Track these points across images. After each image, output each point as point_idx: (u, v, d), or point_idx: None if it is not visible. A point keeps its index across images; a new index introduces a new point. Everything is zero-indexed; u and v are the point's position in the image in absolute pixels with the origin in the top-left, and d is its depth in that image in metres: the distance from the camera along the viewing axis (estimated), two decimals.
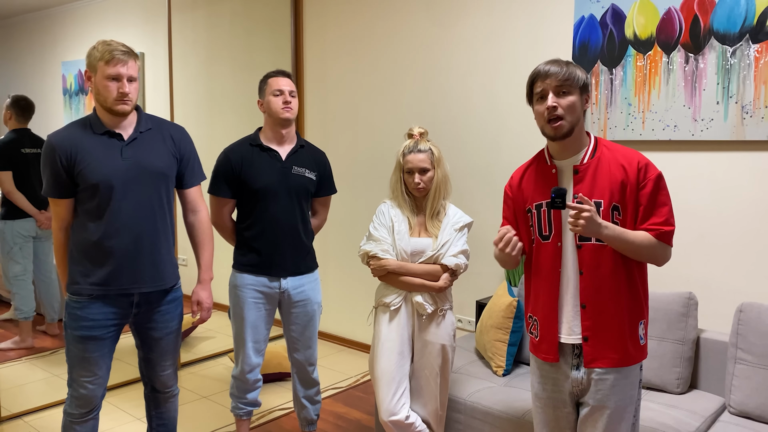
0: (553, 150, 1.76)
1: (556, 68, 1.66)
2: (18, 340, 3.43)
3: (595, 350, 1.69)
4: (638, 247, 1.64)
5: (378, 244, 2.30)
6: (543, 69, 1.67)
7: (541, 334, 1.78)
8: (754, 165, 2.54)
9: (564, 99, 1.66)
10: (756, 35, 2.45)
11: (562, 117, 1.65)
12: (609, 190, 1.67)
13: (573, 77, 1.65)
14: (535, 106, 1.72)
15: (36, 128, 3.33)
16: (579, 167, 1.71)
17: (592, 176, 1.69)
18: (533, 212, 1.78)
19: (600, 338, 1.69)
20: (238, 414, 2.60)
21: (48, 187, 2.01)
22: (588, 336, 1.69)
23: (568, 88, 1.66)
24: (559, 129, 1.67)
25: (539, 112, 1.70)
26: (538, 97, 1.69)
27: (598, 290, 1.68)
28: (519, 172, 1.87)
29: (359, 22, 3.87)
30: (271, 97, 2.40)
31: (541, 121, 1.69)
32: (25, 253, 3.36)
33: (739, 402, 2.28)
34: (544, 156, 1.80)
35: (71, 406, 2.10)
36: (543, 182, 1.76)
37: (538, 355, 1.80)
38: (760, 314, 2.29)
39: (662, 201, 1.67)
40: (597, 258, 1.67)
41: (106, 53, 1.94)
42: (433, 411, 2.34)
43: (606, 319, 1.68)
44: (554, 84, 1.65)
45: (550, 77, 1.65)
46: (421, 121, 3.61)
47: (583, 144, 1.73)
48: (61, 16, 3.44)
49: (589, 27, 2.88)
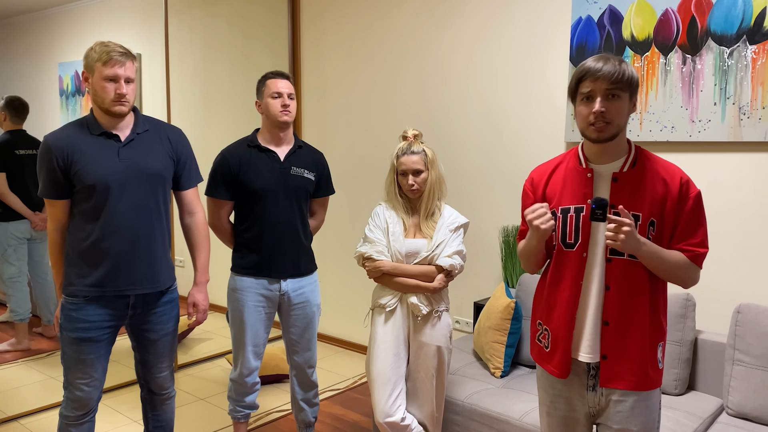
0: (591, 152, 1.62)
1: (610, 68, 1.50)
2: (14, 342, 3.42)
3: (613, 370, 1.58)
4: (672, 267, 1.55)
5: (373, 246, 2.30)
6: (594, 67, 1.52)
7: (552, 345, 1.66)
8: (751, 166, 2.53)
9: (613, 103, 1.52)
10: (753, 36, 2.45)
11: (609, 122, 1.52)
12: (648, 204, 1.55)
13: (626, 79, 1.51)
14: (579, 106, 1.57)
15: (32, 129, 3.32)
16: (619, 175, 1.58)
17: (632, 187, 1.57)
18: (558, 216, 1.64)
19: (620, 358, 1.58)
20: (236, 417, 2.59)
21: (44, 187, 2.01)
22: (607, 354, 1.58)
23: (619, 91, 1.51)
24: (602, 132, 1.53)
25: (583, 114, 1.55)
26: (584, 98, 1.55)
27: (623, 307, 1.57)
28: (544, 169, 1.73)
29: (356, 24, 3.87)
30: (270, 99, 2.39)
31: (584, 123, 1.56)
32: (20, 255, 3.35)
33: (737, 403, 2.28)
34: (576, 156, 1.66)
35: (67, 409, 2.09)
36: (575, 185, 1.63)
37: (547, 367, 1.69)
38: (758, 315, 2.29)
39: (700, 221, 1.57)
40: (626, 274, 1.56)
41: (103, 54, 1.94)
42: (429, 413, 2.34)
43: (628, 339, 1.57)
44: (604, 87, 1.50)
45: (601, 78, 1.50)
46: (418, 122, 3.61)
47: (623, 150, 1.60)
48: (58, 17, 3.44)
49: (587, 28, 2.88)
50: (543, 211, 1.58)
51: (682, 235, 1.57)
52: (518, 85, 3.19)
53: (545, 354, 1.70)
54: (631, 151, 1.60)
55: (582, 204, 1.60)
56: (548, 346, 1.68)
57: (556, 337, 1.65)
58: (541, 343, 1.72)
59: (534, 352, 1.76)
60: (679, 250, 1.57)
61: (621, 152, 1.60)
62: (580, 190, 1.61)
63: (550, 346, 1.67)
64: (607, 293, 1.58)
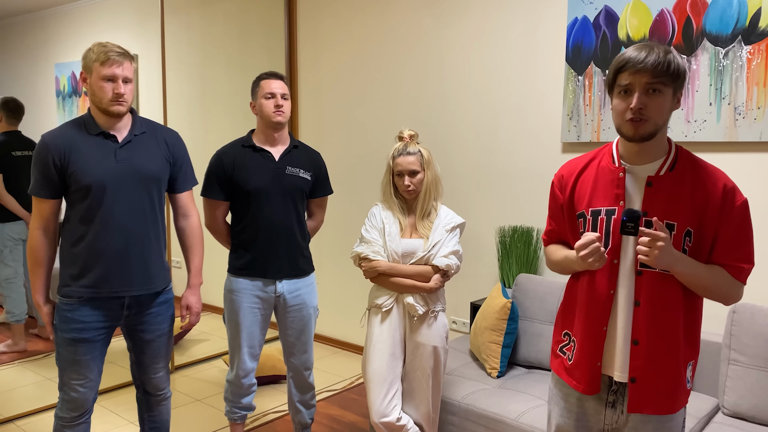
0: (626, 151, 1.48)
1: (653, 58, 1.35)
2: (10, 343, 3.41)
3: (642, 395, 1.46)
4: (712, 284, 1.42)
5: (369, 246, 2.30)
6: (635, 58, 1.37)
7: (577, 358, 1.54)
8: (746, 166, 2.54)
9: (654, 98, 1.37)
10: (748, 37, 2.46)
11: (647, 119, 1.38)
12: (685, 213, 1.42)
13: (671, 71, 1.36)
14: (616, 99, 1.43)
15: (29, 130, 3.31)
16: (654, 178, 1.44)
17: (669, 192, 1.43)
18: (588, 218, 1.51)
19: (649, 382, 1.46)
20: (233, 418, 2.59)
21: (36, 186, 2.00)
22: (636, 377, 1.46)
23: (661, 85, 1.37)
24: (640, 129, 1.39)
25: (619, 109, 1.41)
26: (622, 91, 1.40)
27: (654, 326, 1.45)
28: (574, 166, 1.59)
29: (353, 24, 3.87)
30: (263, 100, 2.39)
31: (619, 118, 1.42)
32: (16, 256, 3.34)
33: (733, 403, 2.28)
34: (610, 153, 1.52)
35: (62, 410, 2.09)
36: (605, 185, 1.49)
37: (569, 381, 1.56)
38: (753, 315, 2.29)
39: (745, 234, 1.43)
40: (658, 288, 1.43)
41: (101, 54, 1.96)
42: (426, 413, 2.34)
43: (659, 361, 1.45)
44: (645, 80, 1.36)
45: (642, 71, 1.35)
46: (414, 122, 3.61)
47: (663, 150, 1.46)
48: (55, 17, 3.43)
49: (583, 28, 2.88)
50: (596, 247, 1.41)
51: (723, 249, 1.43)
52: (514, 86, 3.19)
53: (567, 366, 1.58)
54: (671, 153, 1.46)
55: (613, 206, 1.47)
56: (572, 358, 1.56)
57: (582, 350, 1.53)
58: (565, 355, 1.59)
59: (554, 364, 1.64)
60: (721, 264, 1.43)
61: (660, 153, 1.46)
62: (611, 191, 1.48)
63: (574, 359, 1.55)
64: (637, 309, 1.46)
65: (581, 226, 1.55)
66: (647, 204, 1.44)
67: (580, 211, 1.54)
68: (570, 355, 1.57)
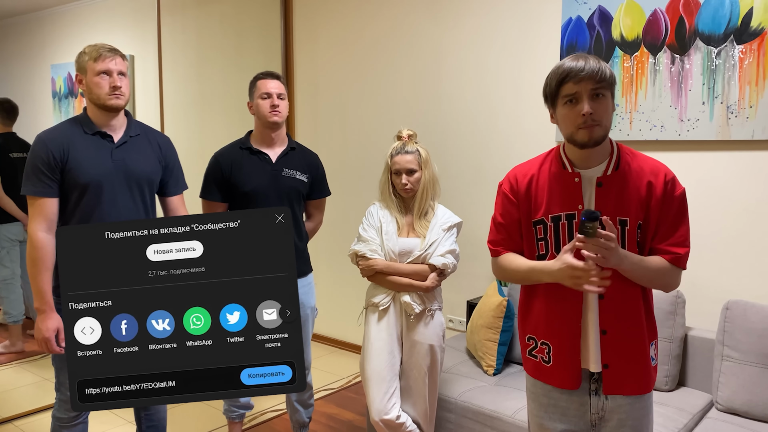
0: (576, 157, 1.53)
1: (592, 66, 1.42)
2: (8, 344, 3.42)
3: (615, 378, 1.54)
4: (654, 275, 1.50)
5: (366, 245, 2.31)
6: (575, 67, 1.43)
7: (556, 360, 1.58)
8: (739, 164, 2.56)
9: (600, 103, 1.44)
10: (740, 36, 2.48)
11: (598, 123, 1.44)
12: (635, 207, 1.49)
13: (608, 77, 1.44)
14: (562, 109, 1.48)
15: (25, 131, 3.32)
16: (603, 179, 1.51)
17: (617, 190, 1.50)
18: (548, 225, 1.55)
19: (621, 365, 1.54)
20: (231, 417, 2.60)
21: (39, 185, 1.95)
22: (608, 363, 1.54)
23: (603, 90, 1.44)
24: (593, 134, 1.45)
25: (569, 117, 1.46)
26: (568, 100, 1.46)
27: (619, 315, 1.53)
28: (524, 173, 1.62)
29: (349, 24, 3.88)
30: (259, 100, 2.40)
31: (570, 126, 1.47)
32: (13, 257, 3.35)
33: (726, 399, 2.31)
34: (559, 161, 1.57)
35: (60, 410, 2.10)
36: (563, 191, 1.54)
37: (551, 381, 1.60)
38: (746, 312, 2.31)
39: (683, 220, 1.51)
40: (618, 281, 1.50)
41: (93, 52, 1.99)
42: (423, 411, 2.35)
43: (627, 345, 1.54)
44: (590, 87, 1.42)
45: (585, 79, 1.42)
46: (411, 122, 3.62)
47: (607, 152, 1.53)
48: (50, 18, 3.43)
49: (577, 28, 2.90)
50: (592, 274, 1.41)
51: (664, 235, 1.51)
52: (509, 86, 3.21)
53: (546, 368, 1.61)
54: (614, 153, 1.53)
55: (573, 210, 1.53)
56: (549, 360, 1.60)
57: (561, 350, 1.57)
58: (537, 358, 1.63)
59: (528, 366, 1.67)
60: (659, 250, 1.52)
61: (605, 154, 1.53)
62: (569, 196, 1.53)
63: (553, 360, 1.59)
64: (602, 302, 1.53)
65: (540, 233, 1.58)
66: (599, 203, 1.51)
67: (539, 218, 1.57)
68: (546, 357, 1.61)
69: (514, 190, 1.62)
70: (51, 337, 1.96)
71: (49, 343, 1.96)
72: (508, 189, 1.64)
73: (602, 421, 1.60)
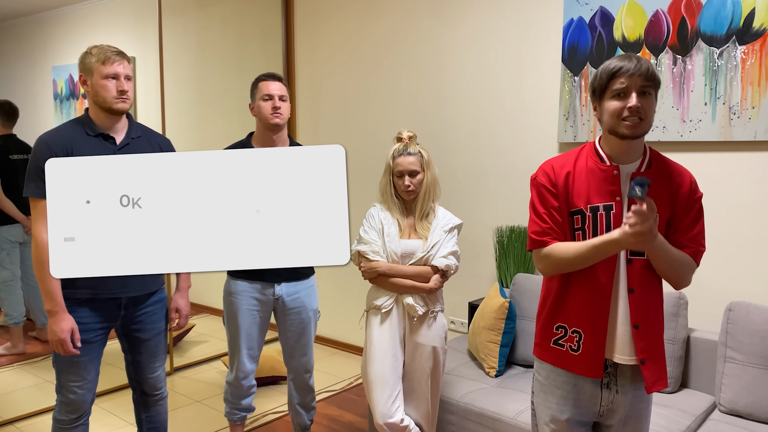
0: (615, 151, 1.59)
1: (644, 64, 1.51)
2: (9, 346, 3.41)
3: (654, 373, 1.60)
4: (676, 263, 1.56)
5: (368, 246, 2.31)
6: (628, 64, 1.51)
7: (585, 349, 1.62)
8: (742, 165, 2.56)
9: (646, 100, 1.52)
10: (742, 37, 2.48)
11: (643, 118, 1.52)
12: (664, 204, 1.58)
13: (656, 76, 1.53)
14: (610, 102, 1.55)
15: (26, 133, 3.31)
16: (637, 175, 1.59)
17: (651, 186, 1.57)
18: (587, 215, 1.60)
19: (655, 360, 1.60)
20: (232, 419, 2.59)
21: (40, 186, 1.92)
22: (645, 359, 1.59)
23: (650, 88, 1.53)
24: (636, 129, 1.52)
25: (615, 109, 1.53)
26: (616, 94, 1.53)
27: (647, 309, 1.60)
28: (561, 165, 1.65)
29: (350, 25, 3.88)
30: (261, 102, 2.39)
31: (614, 118, 1.54)
32: (13, 259, 3.35)
33: (729, 400, 2.30)
34: (595, 155, 1.63)
35: (60, 413, 2.09)
36: (602, 183, 1.60)
37: (577, 370, 1.63)
38: (749, 313, 2.31)
39: (702, 222, 1.63)
40: (645, 275, 1.58)
41: (101, 54, 1.98)
42: (425, 413, 2.34)
43: (655, 340, 1.61)
44: (639, 83, 1.51)
45: (636, 75, 1.50)
46: (412, 123, 3.62)
47: (641, 150, 1.61)
48: (52, 20, 3.44)
49: (578, 29, 2.90)
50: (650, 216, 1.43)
51: (686, 233, 1.60)
52: (511, 86, 3.21)
53: (573, 357, 1.64)
54: (647, 152, 1.61)
55: (611, 202, 1.58)
56: (579, 348, 1.63)
57: (589, 339, 1.61)
58: (565, 347, 1.66)
59: (551, 356, 1.69)
60: (681, 244, 1.59)
61: (639, 152, 1.60)
62: (607, 188, 1.59)
63: (582, 349, 1.62)
64: (632, 296, 1.58)
65: (577, 223, 1.61)
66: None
67: (578, 208, 1.61)
68: (575, 346, 1.65)
69: (552, 181, 1.64)
70: (66, 339, 1.95)
71: (65, 345, 1.95)
72: (545, 179, 1.65)
73: (609, 412, 1.65)
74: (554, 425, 1.68)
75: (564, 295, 1.66)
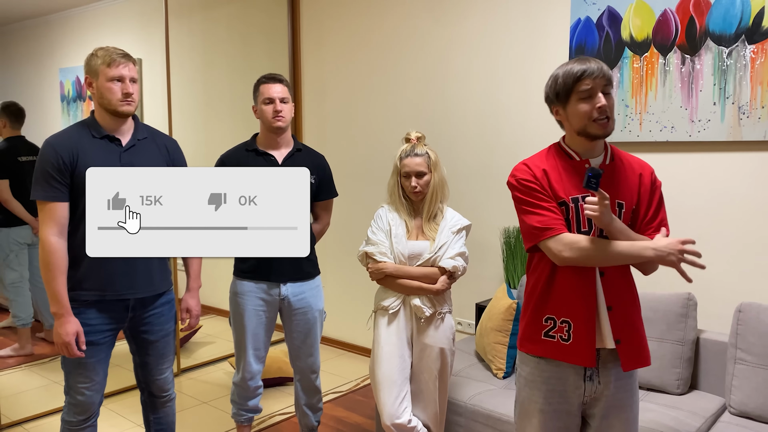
0: (582, 149, 1.69)
1: (603, 66, 1.61)
2: (17, 347, 3.42)
3: (629, 353, 1.66)
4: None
5: (376, 247, 2.30)
6: (590, 67, 1.60)
7: (575, 338, 1.66)
8: (751, 165, 2.54)
9: (609, 99, 1.63)
10: (752, 36, 2.46)
11: (609, 117, 1.62)
12: (630, 193, 1.68)
13: (612, 77, 1.65)
14: (578, 104, 1.62)
15: (33, 135, 3.33)
16: (604, 166, 1.69)
17: (616, 177, 1.68)
18: (570, 206, 1.68)
19: (631, 339, 1.67)
20: (239, 420, 2.59)
21: (50, 190, 1.94)
22: (620, 339, 1.65)
23: (610, 88, 1.63)
24: (606, 127, 1.62)
25: (584, 111, 1.61)
26: (584, 96, 1.61)
27: (619, 290, 1.67)
28: (535, 165, 1.71)
29: (356, 26, 3.88)
30: (263, 105, 2.40)
31: (584, 120, 1.62)
32: (21, 260, 3.36)
33: (740, 402, 2.28)
34: (564, 153, 1.72)
35: (69, 414, 2.10)
36: (576, 177, 1.68)
37: (569, 359, 1.67)
38: (759, 314, 2.29)
39: (663, 208, 1.72)
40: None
41: (106, 57, 1.98)
42: (433, 415, 2.34)
43: (630, 319, 1.67)
44: (602, 83, 1.60)
45: (599, 76, 1.60)
46: (418, 124, 3.61)
47: (601, 147, 1.72)
48: (59, 22, 3.45)
49: (586, 29, 2.89)
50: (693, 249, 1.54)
51: (650, 220, 1.70)
52: (518, 87, 3.20)
53: (565, 347, 1.67)
54: (607, 147, 1.72)
55: (588, 194, 1.66)
56: (569, 338, 1.67)
57: (579, 328, 1.65)
58: (555, 338, 1.69)
59: (542, 348, 1.71)
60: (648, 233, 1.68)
61: (601, 148, 1.71)
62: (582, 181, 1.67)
63: (573, 338, 1.66)
64: (603, 279, 1.66)
65: (563, 214, 1.68)
66: (603, 187, 1.66)
67: (562, 199, 1.68)
68: (565, 336, 1.68)
69: (532, 174, 1.69)
70: (71, 342, 1.95)
71: (70, 348, 1.96)
72: (526, 175, 1.69)
73: (592, 401, 1.71)
74: (541, 416, 1.72)
75: (549, 286, 1.70)
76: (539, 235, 1.65)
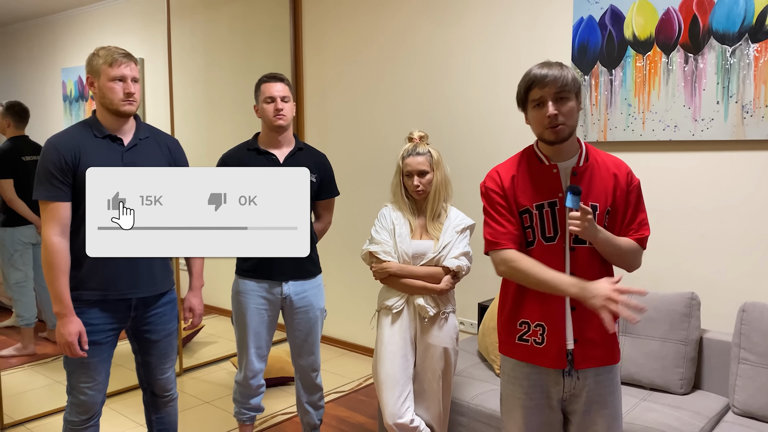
0: (549, 152, 1.72)
1: (555, 73, 1.61)
2: (20, 347, 3.43)
3: (585, 352, 1.69)
4: (623, 251, 1.68)
5: (380, 246, 2.30)
6: (540, 74, 1.62)
7: (549, 340, 1.70)
8: (754, 164, 2.53)
9: (563, 105, 1.63)
10: (755, 35, 2.45)
11: (563, 123, 1.63)
12: (604, 195, 1.69)
13: (570, 83, 1.62)
14: (532, 112, 1.67)
15: (36, 135, 3.33)
16: (576, 169, 1.70)
17: (589, 180, 1.69)
18: (534, 213, 1.72)
19: (589, 339, 1.69)
20: (242, 419, 2.59)
21: (52, 190, 1.94)
22: (578, 338, 1.69)
23: (566, 93, 1.62)
24: (559, 133, 1.64)
25: (538, 119, 1.65)
26: (536, 104, 1.65)
27: None
28: (505, 171, 1.77)
29: (358, 26, 3.87)
30: (264, 104, 2.40)
31: (539, 127, 1.66)
32: (26, 260, 3.36)
33: (743, 402, 2.27)
34: (535, 157, 1.75)
35: (71, 414, 2.10)
36: (543, 183, 1.71)
37: (541, 361, 1.71)
38: (763, 314, 2.28)
39: (642, 207, 1.74)
40: (587, 260, 1.69)
41: (108, 56, 1.98)
42: (436, 414, 2.34)
43: (593, 320, 1.68)
44: (553, 91, 1.61)
45: (548, 84, 1.61)
46: (421, 123, 3.61)
47: (575, 148, 1.72)
48: (61, 22, 3.45)
49: (588, 28, 2.88)
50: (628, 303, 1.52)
51: (629, 221, 1.72)
52: None
53: (538, 350, 1.72)
54: (582, 148, 1.73)
55: (554, 198, 1.69)
56: (543, 341, 1.71)
57: (552, 331, 1.70)
58: (529, 342, 1.74)
59: (517, 352, 1.76)
60: (627, 233, 1.71)
61: (574, 150, 1.72)
62: (549, 186, 1.70)
63: (546, 341, 1.70)
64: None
65: (527, 221, 1.73)
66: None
67: (525, 207, 1.72)
68: (539, 339, 1.73)
69: (499, 184, 1.76)
70: (74, 342, 1.95)
71: (73, 348, 1.96)
72: (493, 185, 1.77)
73: (572, 397, 1.73)
74: (523, 411, 1.76)
75: (523, 291, 1.74)
76: (488, 246, 1.77)
